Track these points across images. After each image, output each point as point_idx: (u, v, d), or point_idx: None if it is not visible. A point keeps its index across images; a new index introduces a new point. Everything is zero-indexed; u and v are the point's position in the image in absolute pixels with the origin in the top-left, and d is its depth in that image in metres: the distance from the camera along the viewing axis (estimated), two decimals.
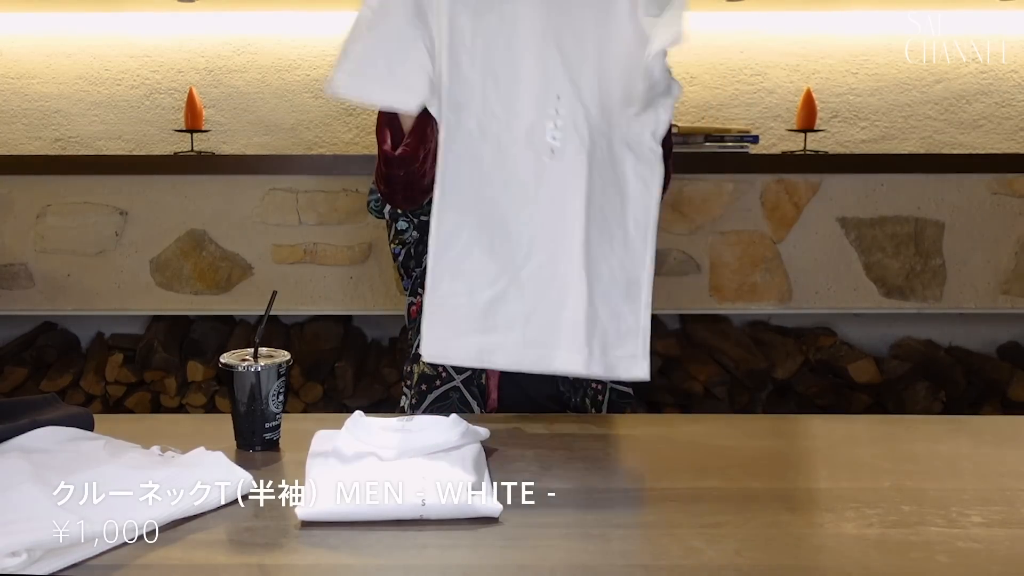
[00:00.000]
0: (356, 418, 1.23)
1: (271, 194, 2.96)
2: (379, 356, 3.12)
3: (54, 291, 2.99)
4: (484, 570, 0.97)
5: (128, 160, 3.06)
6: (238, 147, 3.29)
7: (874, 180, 3.00)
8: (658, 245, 1.35)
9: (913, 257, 3.02)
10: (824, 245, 3.02)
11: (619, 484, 1.21)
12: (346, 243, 2.97)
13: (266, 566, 0.98)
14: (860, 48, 3.29)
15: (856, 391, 3.01)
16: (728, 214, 2.98)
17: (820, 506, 1.15)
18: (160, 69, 3.27)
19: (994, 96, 3.31)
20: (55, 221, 2.96)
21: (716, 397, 2.99)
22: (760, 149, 3.18)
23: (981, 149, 3.31)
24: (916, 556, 1.00)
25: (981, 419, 2.16)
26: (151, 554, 0.99)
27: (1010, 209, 3.02)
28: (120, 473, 1.12)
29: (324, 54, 3.27)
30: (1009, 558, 1.00)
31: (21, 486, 1.06)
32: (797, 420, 1.86)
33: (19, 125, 3.29)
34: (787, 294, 3.03)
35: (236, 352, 1.35)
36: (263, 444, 1.32)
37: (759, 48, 3.28)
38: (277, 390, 1.32)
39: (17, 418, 1.25)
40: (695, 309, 3.05)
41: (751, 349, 3.05)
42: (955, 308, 3.05)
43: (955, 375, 3.02)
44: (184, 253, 2.98)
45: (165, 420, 2.05)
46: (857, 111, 3.31)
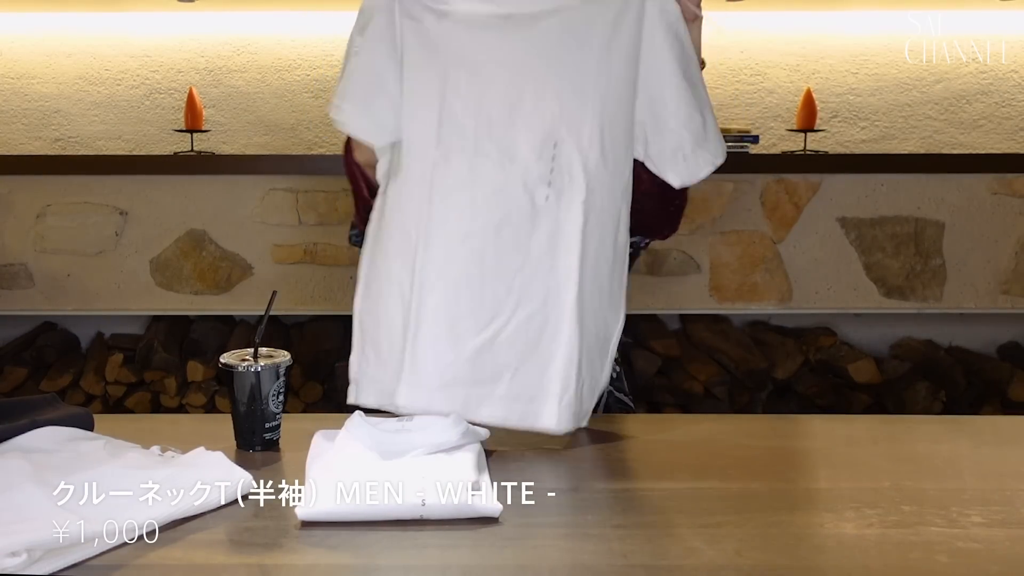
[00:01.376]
0: (356, 419, 1.23)
1: (271, 194, 2.96)
2: None
3: (54, 291, 2.99)
4: (484, 570, 0.97)
5: (128, 160, 3.06)
6: (238, 147, 3.29)
7: (874, 180, 3.00)
8: (658, 245, 1.35)
9: (913, 257, 3.02)
10: (824, 245, 3.02)
11: (619, 484, 1.21)
12: (346, 243, 2.97)
13: (266, 566, 0.98)
14: (860, 48, 3.29)
15: (856, 391, 3.01)
16: (728, 214, 2.98)
17: (820, 506, 1.15)
18: (160, 69, 3.27)
19: (994, 96, 3.31)
20: (55, 221, 2.96)
21: (716, 397, 2.99)
22: (760, 149, 3.18)
23: (981, 149, 3.31)
24: (916, 556, 1.00)
25: (981, 419, 2.16)
26: (151, 554, 0.99)
27: (1010, 209, 3.02)
28: (120, 473, 1.12)
29: (324, 54, 3.27)
30: (1009, 558, 1.00)
31: (21, 486, 1.06)
32: (797, 420, 1.85)
33: (19, 125, 3.29)
34: (787, 294, 3.03)
35: (236, 352, 1.35)
36: (263, 444, 1.32)
37: (759, 48, 3.28)
38: (277, 390, 1.32)
39: (17, 418, 1.25)
40: (695, 309, 3.05)
41: (751, 349, 3.05)
42: (955, 308, 3.05)
43: (955, 375, 3.02)
44: (184, 253, 2.98)
45: (165, 420, 2.05)
46: (857, 111, 3.31)
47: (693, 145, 1.31)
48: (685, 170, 1.32)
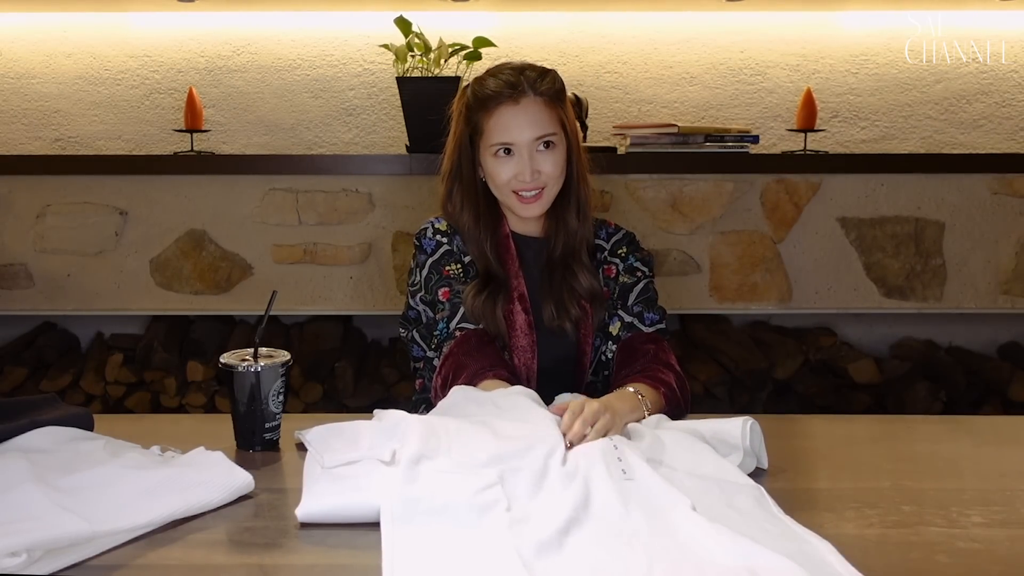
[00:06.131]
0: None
1: (271, 194, 2.96)
2: (379, 356, 3.12)
3: (54, 291, 2.99)
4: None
5: (128, 160, 3.06)
6: (238, 147, 3.29)
7: (874, 180, 3.00)
8: (658, 245, 1.35)
9: (913, 257, 3.02)
10: (824, 245, 3.02)
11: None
12: (346, 243, 2.97)
13: (266, 566, 0.98)
14: (860, 48, 3.29)
15: (856, 391, 3.01)
16: (728, 214, 2.98)
17: (820, 506, 1.15)
18: (160, 69, 3.27)
19: (994, 96, 3.31)
20: (55, 221, 2.96)
21: (716, 397, 2.99)
22: (760, 149, 3.18)
23: (981, 149, 3.31)
24: (916, 556, 1.00)
25: (981, 419, 2.16)
26: (151, 554, 0.99)
27: (1010, 209, 3.02)
28: (120, 473, 1.12)
29: (324, 54, 3.27)
30: (1009, 558, 1.00)
31: (21, 486, 1.06)
32: (797, 420, 1.85)
33: (19, 125, 3.29)
34: (787, 294, 3.03)
35: (236, 352, 1.35)
36: (263, 444, 1.32)
37: (759, 48, 3.28)
38: (277, 390, 1.32)
39: (17, 418, 1.25)
40: (695, 309, 3.05)
41: (751, 349, 3.05)
42: (955, 308, 3.05)
43: (955, 375, 3.02)
44: (184, 253, 2.98)
45: (165, 420, 2.04)
46: (857, 111, 3.31)
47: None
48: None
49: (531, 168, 1.59)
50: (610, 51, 3.27)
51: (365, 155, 3.05)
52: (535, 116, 1.60)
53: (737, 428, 1.27)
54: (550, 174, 1.61)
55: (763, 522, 1.03)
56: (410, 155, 2.91)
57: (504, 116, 1.60)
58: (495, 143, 1.60)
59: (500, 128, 1.60)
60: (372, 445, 1.21)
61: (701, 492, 1.09)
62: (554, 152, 1.61)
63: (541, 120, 1.60)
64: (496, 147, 1.61)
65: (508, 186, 1.61)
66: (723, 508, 1.06)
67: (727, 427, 1.28)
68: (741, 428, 1.26)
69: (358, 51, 3.26)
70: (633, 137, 2.93)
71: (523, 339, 1.62)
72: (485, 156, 1.63)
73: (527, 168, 1.59)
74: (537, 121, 1.60)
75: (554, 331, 1.64)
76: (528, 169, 1.59)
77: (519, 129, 1.59)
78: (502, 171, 1.61)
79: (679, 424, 1.36)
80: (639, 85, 3.28)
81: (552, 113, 1.61)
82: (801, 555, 0.93)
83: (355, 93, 3.28)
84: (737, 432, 1.26)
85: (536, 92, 1.60)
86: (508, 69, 1.63)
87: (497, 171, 1.61)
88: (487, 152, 1.62)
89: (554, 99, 1.62)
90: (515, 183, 1.60)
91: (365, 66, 3.27)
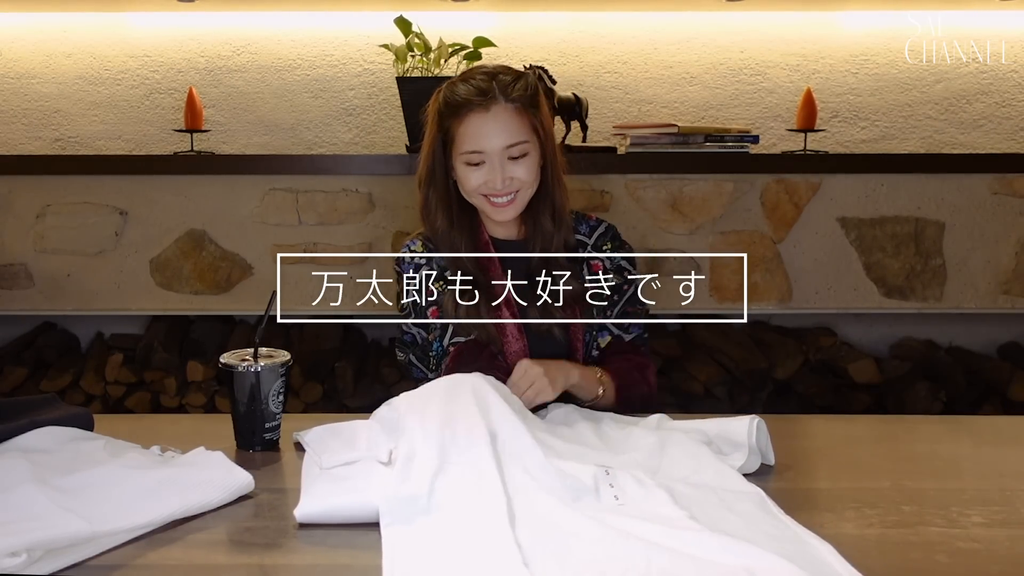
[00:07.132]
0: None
1: (271, 194, 2.96)
2: (379, 356, 3.12)
3: (54, 291, 2.98)
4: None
5: (128, 160, 3.06)
6: (238, 147, 3.29)
7: (874, 180, 3.00)
8: (658, 245, 1.35)
9: (913, 257, 3.02)
10: (824, 245, 3.02)
11: None
12: (346, 243, 2.97)
13: (266, 566, 0.98)
14: (860, 48, 3.29)
15: (856, 391, 3.01)
16: (728, 214, 2.98)
17: (820, 506, 1.15)
18: (160, 69, 3.27)
19: (994, 96, 3.31)
20: (55, 221, 2.96)
21: (716, 397, 2.99)
22: (760, 149, 3.18)
23: (981, 149, 3.31)
24: (916, 556, 1.00)
25: (981, 419, 2.16)
26: (151, 554, 0.99)
27: (1010, 209, 3.02)
28: (120, 473, 1.12)
29: (324, 54, 3.27)
30: (1009, 558, 1.00)
31: (21, 486, 1.06)
32: (797, 420, 1.85)
33: (19, 125, 3.29)
34: (787, 294, 3.03)
35: (236, 352, 1.35)
36: (263, 444, 1.32)
37: (759, 48, 3.28)
38: (277, 390, 1.32)
39: (17, 418, 1.25)
40: (695, 309, 3.04)
41: (751, 349, 3.05)
42: (955, 308, 3.05)
43: (955, 375, 3.02)
44: (184, 253, 2.98)
45: (165, 420, 2.04)
46: (857, 111, 3.31)
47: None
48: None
49: (502, 175, 1.56)
50: (610, 51, 3.27)
51: (365, 155, 3.05)
52: (506, 124, 1.57)
53: (743, 426, 1.27)
54: (523, 180, 1.59)
55: (764, 525, 1.03)
56: (410, 155, 2.91)
57: (474, 124, 1.57)
58: (465, 151, 1.58)
59: (470, 136, 1.57)
60: (370, 446, 1.21)
61: (700, 501, 1.09)
62: (526, 159, 1.58)
63: (512, 128, 1.57)
64: (466, 155, 1.58)
65: (478, 191, 1.60)
66: (723, 513, 1.06)
67: (733, 426, 1.29)
68: (748, 426, 1.27)
69: (358, 51, 3.26)
70: (633, 137, 2.93)
71: (515, 344, 1.62)
72: (457, 162, 1.61)
73: (498, 176, 1.56)
74: (508, 129, 1.57)
75: (542, 334, 1.64)
76: (499, 176, 1.56)
77: (488, 138, 1.56)
78: (472, 178, 1.59)
79: (682, 424, 1.36)
80: (639, 85, 3.28)
81: (524, 120, 1.58)
82: (801, 557, 0.93)
83: (355, 93, 3.29)
84: (743, 430, 1.27)
85: (508, 99, 1.57)
86: (480, 74, 1.60)
87: (467, 178, 1.59)
88: (458, 159, 1.60)
89: (527, 105, 1.59)
90: (485, 188, 1.59)
91: (365, 66, 3.27)
